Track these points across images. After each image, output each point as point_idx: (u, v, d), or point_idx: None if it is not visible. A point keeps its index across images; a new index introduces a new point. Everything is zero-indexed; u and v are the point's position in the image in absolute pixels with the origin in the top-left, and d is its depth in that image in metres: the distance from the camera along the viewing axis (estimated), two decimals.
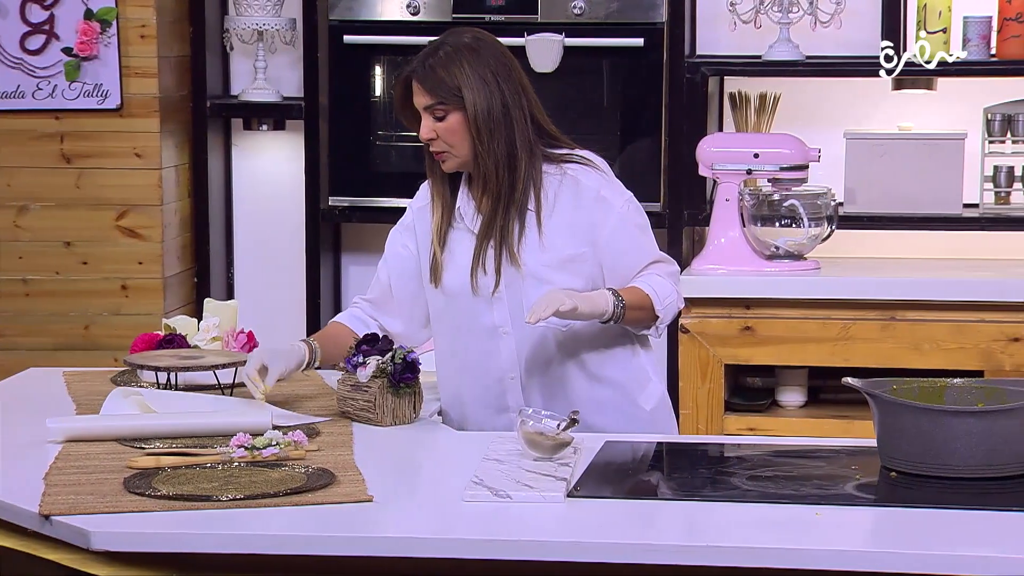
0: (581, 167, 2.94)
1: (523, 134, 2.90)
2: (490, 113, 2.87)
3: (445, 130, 2.89)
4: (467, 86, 2.87)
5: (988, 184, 4.35)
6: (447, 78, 2.87)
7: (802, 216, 4.16)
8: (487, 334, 2.96)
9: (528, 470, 2.53)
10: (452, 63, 2.88)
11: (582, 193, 2.92)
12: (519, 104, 2.90)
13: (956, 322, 4.08)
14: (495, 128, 2.88)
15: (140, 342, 3.24)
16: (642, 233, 2.97)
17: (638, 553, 2.23)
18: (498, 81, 2.89)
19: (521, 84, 2.93)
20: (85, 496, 2.41)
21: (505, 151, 2.89)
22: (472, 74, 2.87)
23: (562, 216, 2.92)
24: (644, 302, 2.91)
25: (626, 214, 2.94)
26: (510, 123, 2.89)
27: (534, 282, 2.91)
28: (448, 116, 2.89)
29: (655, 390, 3.03)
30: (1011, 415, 2.49)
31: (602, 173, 2.96)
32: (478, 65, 2.88)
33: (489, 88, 2.88)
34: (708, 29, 4.53)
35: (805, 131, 4.33)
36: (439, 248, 2.96)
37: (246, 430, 2.68)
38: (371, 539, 2.28)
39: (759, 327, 4.14)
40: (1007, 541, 2.25)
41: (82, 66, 4.43)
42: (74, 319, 4.51)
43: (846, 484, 2.51)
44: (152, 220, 4.47)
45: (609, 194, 2.93)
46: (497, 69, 2.89)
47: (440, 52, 2.90)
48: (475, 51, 2.89)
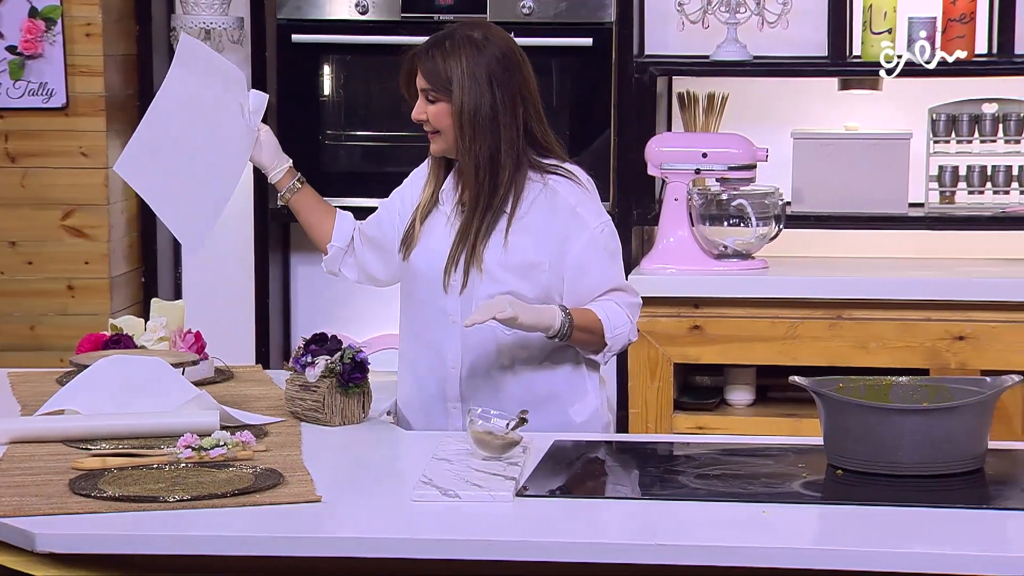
0: (564, 179, 2.94)
1: (510, 142, 2.91)
2: (476, 113, 2.89)
3: (434, 114, 2.93)
4: (458, 81, 2.89)
5: (933, 184, 4.39)
6: (442, 68, 2.90)
7: (750, 215, 4.18)
8: (438, 319, 2.97)
9: (477, 469, 2.53)
10: (452, 55, 2.90)
11: (558, 205, 2.92)
12: (511, 111, 2.91)
13: (902, 321, 4.11)
14: (479, 129, 2.89)
15: (86, 342, 3.22)
16: (610, 258, 2.96)
17: (587, 552, 2.24)
18: (492, 83, 2.89)
19: (522, 92, 2.92)
20: (29, 497, 2.39)
21: (487, 155, 2.90)
22: (467, 71, 2.89)
23: (533, 223, 2.92)
24: (594, 327, 2.91)
25: (598, 236, 2.94)
26: (496, 128, 2.90)
27: (489, 281, 2.92)
28: (438, 103, 2.92)
29: (589, 404, 3.02)
30: (956, 413, 2.52)
31: (584, 190, 2.95)
32: (475, 63, 2.89)
33: (480, 88, 2.89)
34: (656, 29, 4.54)
35: (753, 131, 4.36)
36: (419, 223, 3.00)
37: (193, 430, 2.66)
38: (319, 539, 2.27)
39: (708, 326, 4.16)
40: (952, 538, 2.27)
41: (26, 64, 4.39)
42: (19, 319, 4.47)
43: (793, 482, 2.52)
44: (98, 220, 4.44)
45: (585, 212, 2.93)
46: (494, 71, 2.90)
47: (446, 42, 2.93)
48: (478, 49, 2.91)
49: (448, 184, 3.00)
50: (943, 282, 4.13)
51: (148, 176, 3.10)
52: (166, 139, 3.09)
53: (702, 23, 4.41)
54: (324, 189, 4.47)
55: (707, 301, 4.16)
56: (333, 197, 4.57)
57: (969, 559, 2.17)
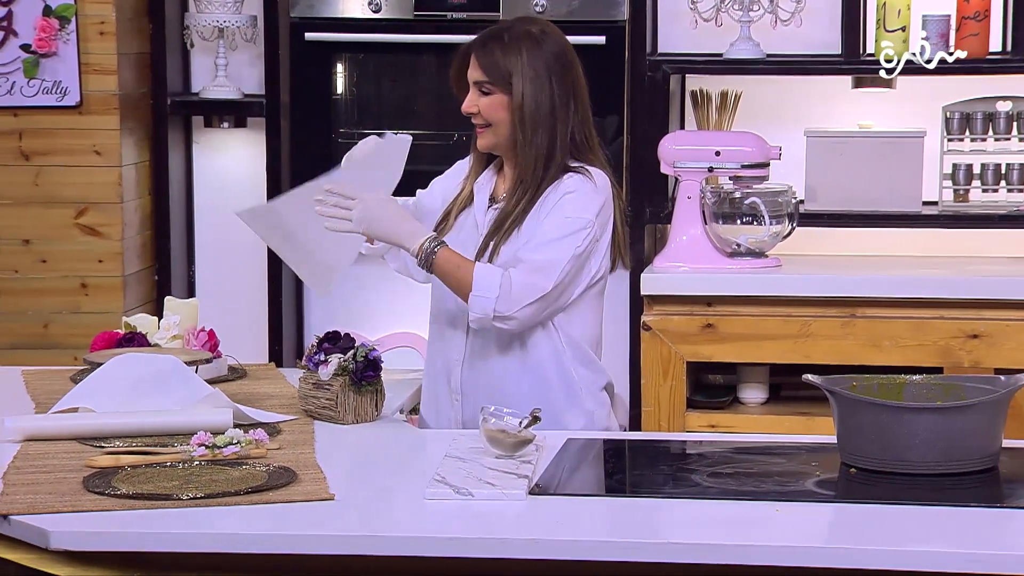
0: (577, 174, 2.93)
1: (563, 139, 2.92)
2: (537, 107, 2.89)
3: (487, 106, 2.92)
4: (518, 74, 2.89)
5: (947, 182, 4.38)
6: (502, 61, 2.90)
7: (763, 214, 4.18)
8: (457, 311, 2.96)
9: (490, 468, 2.53)
10: (511, 48, 2.90)
11: (557, 192, 2.92)
12: (566, 108, 2.91)
13: (915, 319, 4.10)
14: (539, 123, 2.90)
15: (100, 341, 3.22)
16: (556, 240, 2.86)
17: (599, 550, 2.24)
18: (551, 79, 2.90)
19: (575, 90, 2.93)
20: (44, 495, 2.40)
21: (545, 150, 2.91)
22: (527, 64, 2.89)
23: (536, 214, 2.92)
24: (464, 268, 2.83)
25: (563, 220, 2.87)
26: (553, 123, 2.91)
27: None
28: (493, 96, 2.91)
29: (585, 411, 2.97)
30: (969, 411, 2.51)
31: (590, 185, 2.92)
32: (535, 57, 2.90)
33: (540, 82, 2.90)
34: (669, 27, 4.54)
35: (766, 129, 4.35)
36: (453, 217, 3.00)
37: (207, 428, 2.67)
38: (332, 537, 2.27)
39: (720, 324, 4.16)
40: (965, 537, 2.26)
41: (41, 63, 4.40)
42: (33, 318, 4.48)
43: (806, 481, 2.52)
44: (112, 218, 4.45)
45: (571, 199, 2.90)
46: (552, 67, 2.91)
47: (505, 35, 2.93)
48: (537, 43, 2.92)
49: (483, 179, 3.00)
50: (957, 280, 4.12)
51: (269, 225, 2.99)
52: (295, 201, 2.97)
53: (715, 21, 4.41)
54: None
55: (720, 299, 4.16)
56: None
57: (983, 558, 2.17)
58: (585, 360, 2.98)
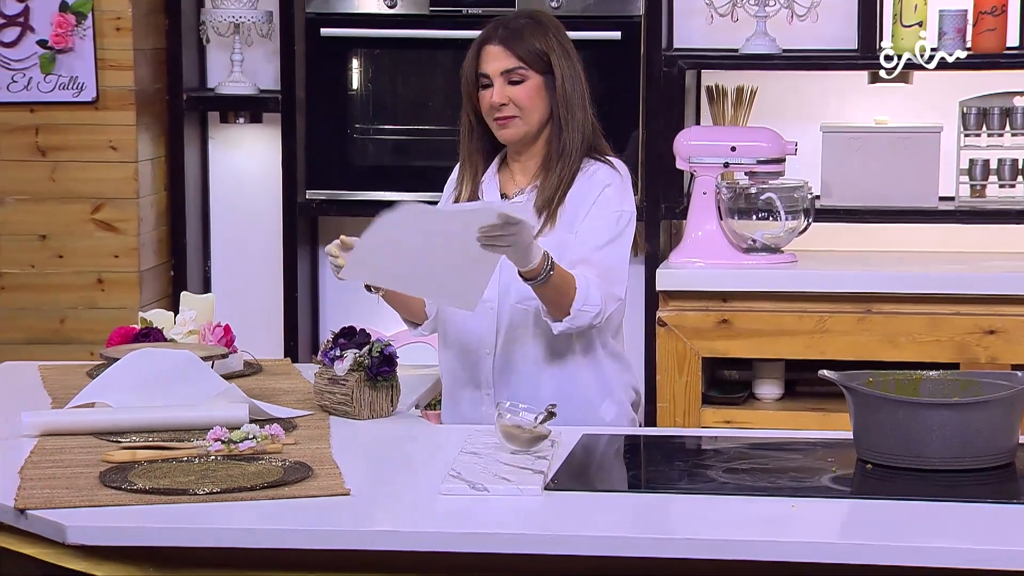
0: (604, 166, 2.96)
1: (591, 121, 2.94)
2: (575, 88, 2.91)
3: (521, 93, 2.90)
4: (555, 54, 2.90)
5: (964, 177, 4.36)
6: (536, 42, 2.90)
7: (779, 209, 4.17)
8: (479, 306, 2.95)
9: (505, 463, 2.53)
10: (540, 32, 2.91)
11: (594, 183, 2.93)
12: (586, 91, 2.94)
13: (932, 315, 4.09)
14: (579, 101, 2.92)
15: (116, 336, 3.23)
16: (611, 242, 2.91)
17: (615, 546, 2.24)
18: (575, 62, 2.93)
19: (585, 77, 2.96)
20: (61, 490, 2.40)
21: (583, 127, 2.92)
22: (560, 45, 2.91)
23: (570, 202, 2.92)
24: (568, 289, 2.83)
25: (611, 215, 2.91)
26: (585, 107, 2.94)
27: None
28: (527, 81, 2.90)
29: (617, 401, 3.01)
30: (986, 407, 2.51)
31: (618, 175, 2.96)
32: (564, 40, 2.93)
33: (572, 63, 2.92)
34: (685, 22, 4.53)
35: (782, 124, 4.34)
36: None
37: (223, 423, 2.67)
38: (348, 533, 2.27)
39: (736, 320, 4.15)
40: (982, 533, 2.26)
41: (57, 59, 4.41)
42: (49, 313, 4.49)
43: (822, 476, 2.52)
44: (128, 213, 4.46)
45: (612, 192, 2.93)
46: (575, 52, 2.94)
47: (522, 20, 2.93)
48: (558, 27, 2.94)
49: (488, 177, 2.99)
50: (973, 276, 4.11)
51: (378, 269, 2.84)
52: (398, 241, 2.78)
53: (731, 16, 4.40)
54: (352, 183, 4.52)
55: (735, 295, 4.15)
56: (361, 191, 4.60)
57: (1000, 554, 2.16)
58: (615, 351, 3.01)
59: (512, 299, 2.94)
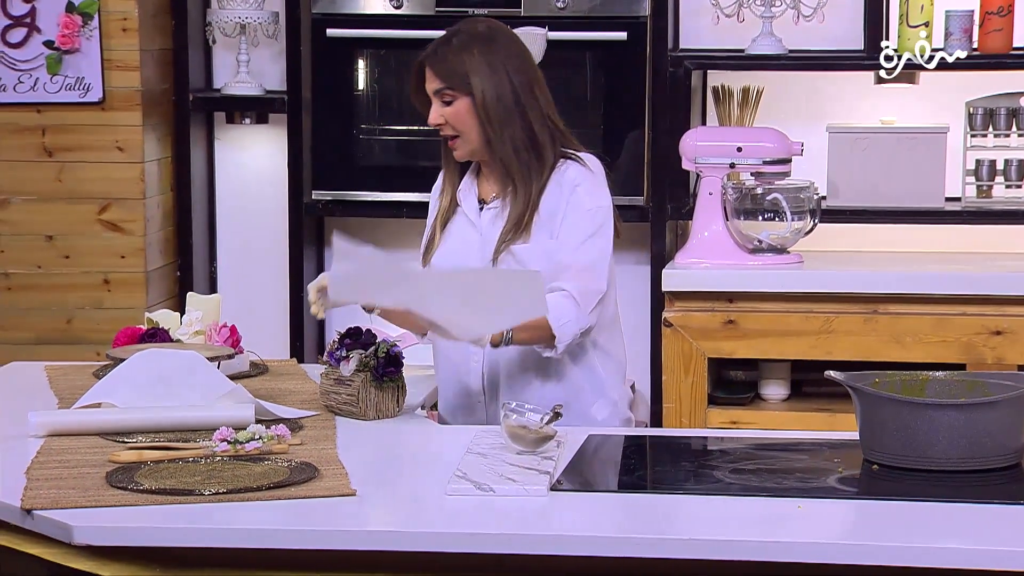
0: (573, 163, 2.95)
1: (541, 120, 2.92)
2: (499, 100, 2.89)
3: (452, 115, 2.91)
4: (475, 73, 2.89)
5: (970, 178, 4.36)
6: (456, 64, 2.90)
7: (785, 210, 4.17)
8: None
9: (511, 463, 2.53)
10: (463, 50, 2.90)
11: (564, 183, 2.93)
12: (532, 94, 2.92)
13: (938, 315, 4.09)
14: (507, 115, 2.90)
15: (122, 336, 3.23)
16: (588, 238, 2.91)
17: (621, 546, 2.24)
18: (508, 71, 2.91)
19: (535, 78, 2.94)
20: (67, 490, 2.41)
21: (524, 135, 2.91)
22: (482, 62, 2.89)
23: (545, 207, 2.93)
24: (539, 323, 2.85)
25: (585, 213, 2.91)
26: (523, 111, 2.91)
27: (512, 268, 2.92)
28: (455, 102, 2.91)
29: (609, 400, 3.01)
30: (993, 408, 2.50)
31: (589, 172, 2.95)
32: (489, 54, 2.90)
33: (499, 77, 2.90)
34: (691, 23, 4.53)
35: (788, 125, 4.34)
36: (439, 231, 3.00)
37: (229, 424, 2.67)
38: (354, 533, 2.28)
39: (742, 320, 4.15)
40: (988, 534, 2.25)
41: (64, 59, 4.41)
42: (56, 313, 4.50)
43: (828, 477, 2.51)
44: (134, 214, 4.46)
45: (583, 191, 2.92)
46: (508, 60, 2.92)
47: (453, 39, 2.93)
48: (488, 40, 2.92)
49: (465, 184, 3.00)
50: (979, 276, 4.11)
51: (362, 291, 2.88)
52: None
53: (737, 16, 4.40)
54: (358, 183, 4.52)
55: (741, 295, 4.15)
56: (367, 191, 4.61)
57: (1007, 555, 2.16)
58: (606, 349, 3.00)
59: None
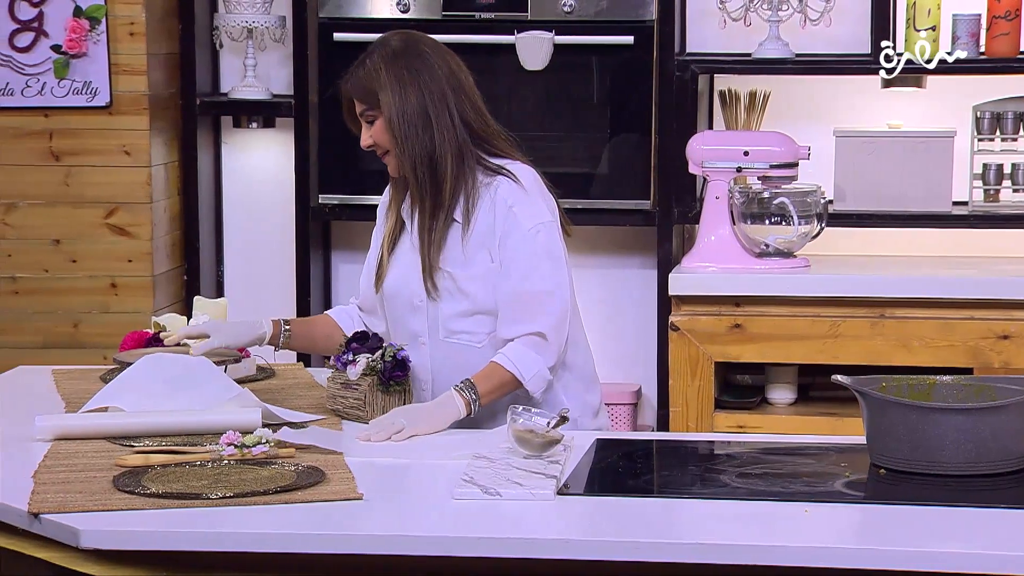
0: (505, 179, 2.89)
1: (448, 135, 2.86)
2: (403, 115, 2.86)
3: (376, 134, 2.91)
4: (383, 89, 2.86)
5: (977, 182, 4.36)
6: (367, 83, 2.88)
7: (792, 214, 4.17)
8: (410, 341, 2.95)
9: (518, 468, 2.53)
10: (373, 69, 2.88)
11: (497, 203, 2.88)
12: (444, 105, 2.86)
13: (945, 319, 4.09)
14: (410, 129, 2.86)
15: (129, 340, 3.24)
16: (540, 260, 2.85)
17: (628, 550, 2.23)
18: (418, 83, 2.86)
19: (452, 85, 2.87)
20: (74, 494, 2.41)
21: (424, 152, 2.86)
22: (389, 77, 2.87)
23: (482, 228, 2.89)
24: (505, 380, 2.83)
25: (530, 237, 2.85)
26: (428, 124, 2.86)
27: (456, 294, 2.90)
28: (376, 121, 2.90)
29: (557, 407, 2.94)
30: (1000, 412, 2.50)
31: (520, 188, 2.88)
32: (397, 68, 2.87)
33: (405, 90, 2.86)
34: (697, 27, 4.53)
35: (795, 129, 4.34)
36: (387, 252, 2.98)
37: (236, 428, 2.67)
38: (361, 537, 2.28)
39: (749, 324, 4.15)
40: (995, 538, 2.25)
41: (71, 63, 4.42)
42: (63, 317, 4.50)
43: (835, 481, 2.51)
44: (141, 218, 4.47)
45: (520, 211, 2.86)
46: (420, 70, 2.87)
47: (367, 61, 2.91)
48: (397, 54, 2.88)
49: (406, 204, 2.97)
50: (987, 281, 4.10)
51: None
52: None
53: (744, 20, 4.40)
54: (365, 187, 4.53)
55: (748, 300, 4.15)
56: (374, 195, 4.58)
57: (1014, 559, 2.16)
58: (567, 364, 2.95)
59: (441, 334, 2.92)
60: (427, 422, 2.79)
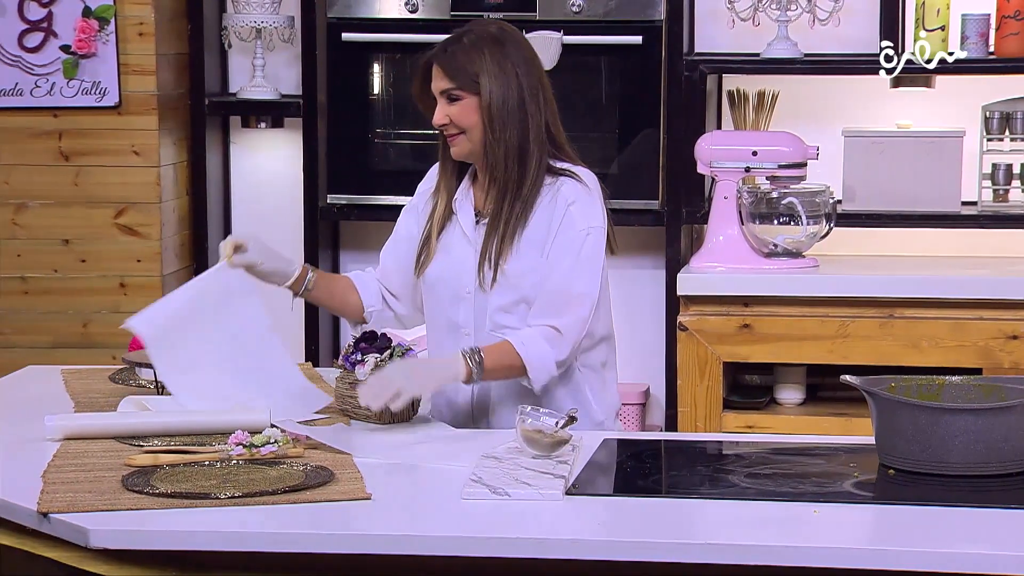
0: (570, 179, 2.91)
1: (537, 130, 2.90)
2: (505, 103, 2.87)
3: (458, 114, 2.90)
4: (485, 73, 2.88)
5: (986, 182, 4.35)
6: (467, 64, 2.88)
7: (800, 214, 4.16)
8: (451, 332, 2.96)
9: (527, 468, 2.53)
10: (474, 50, 2.89)
11: (558, 201, 2.90)
12: (536, 100, 2.90)
13: (954, 320, 4.08)
14: (508, 118, 2.88)
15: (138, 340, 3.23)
16: (581, 264, 2.87)
17: (636, 551, 2.23)
18: (517, 74, 2.89)
19: (541, 84, 2.92)
20: (83, 494, 2.41)
21: (516, 142, 2.89)
22: (492, 63, 2.88)
23: (537, 223, 2.90)
24: (513, 364, 2.83)
25: (577, 237, 2.87)
26: (524, 116, 2.89)
27: (507, 288, 2.90)
28: (462, 100, 2.89)
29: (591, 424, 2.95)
30: (1009, 412, 2.50)
31: (586, 189, 2.91)
32: (499, 55, 2.89)
33: (507, 78, 2.88)
34: (706, 27, 4.53)
35: (803, 129, 4.33)
36: (435, 237, 2.97)
37: (244, 428, 2.68)
38: (369, 537, 2.28)
39: (757, 325, 4.15)
40: (1005, 538, 2.25)
41: (80, 64, 4.43)
42: (72, 317, 4.51)
43: (844, 482, 2.51)
44: (150, 218, 4.47)
45: (576, 211, 2.89)
46: (518, 62, 2.90)
47: (464, 39, 2.92)
48: (499, 42, 2.91)
49: (461, 193, 2.98)
50: (996, 281, 4.10)
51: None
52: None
53: (752, 20, 4.40)
54: (373, 187, 4.53)
55: (757, 300, 4.15)
56: (382, 195, 4.61)
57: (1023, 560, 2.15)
58: (594, 365, 2.98)
59: (488, 326, 2.92)
60: (424, 379, 2.78)
